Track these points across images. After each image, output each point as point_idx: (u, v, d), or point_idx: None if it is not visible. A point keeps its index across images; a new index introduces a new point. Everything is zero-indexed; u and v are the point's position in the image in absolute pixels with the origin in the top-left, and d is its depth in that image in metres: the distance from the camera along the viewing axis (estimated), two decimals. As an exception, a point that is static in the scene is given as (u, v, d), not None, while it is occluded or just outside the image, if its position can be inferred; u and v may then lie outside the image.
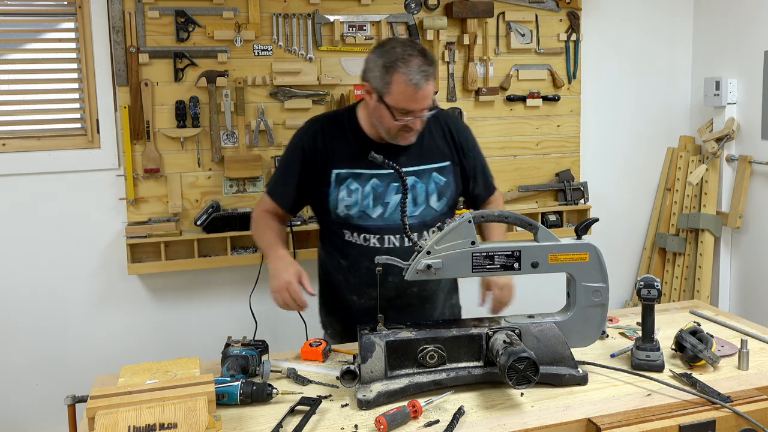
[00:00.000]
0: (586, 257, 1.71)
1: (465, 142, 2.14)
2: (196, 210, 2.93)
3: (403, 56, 1.87)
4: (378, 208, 2.03)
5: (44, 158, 2.81)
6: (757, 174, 3.31)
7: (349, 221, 2.06)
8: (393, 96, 1.89)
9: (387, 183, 2.03)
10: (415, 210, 2.05)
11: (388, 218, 2.04)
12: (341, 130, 2.07)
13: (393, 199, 2.03)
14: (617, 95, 3.52)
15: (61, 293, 2.88)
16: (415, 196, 2.04)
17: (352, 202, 2.03)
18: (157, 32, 2.82)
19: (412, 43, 1.96)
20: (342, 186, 2.04)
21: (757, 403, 1.57)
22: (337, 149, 2.05)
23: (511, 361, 1.52)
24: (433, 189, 2.06)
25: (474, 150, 2.18)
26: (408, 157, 2.04)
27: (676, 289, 3.55)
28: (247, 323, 2.95)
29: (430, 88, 1.90)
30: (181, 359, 1.67)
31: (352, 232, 2.08)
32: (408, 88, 1.87)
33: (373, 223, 2.04)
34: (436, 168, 2.08)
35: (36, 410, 2.89)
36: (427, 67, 1.89)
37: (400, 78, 1.87)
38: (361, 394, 1.58)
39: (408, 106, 1.90)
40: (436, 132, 2.11)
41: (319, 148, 2.05)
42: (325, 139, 2.06)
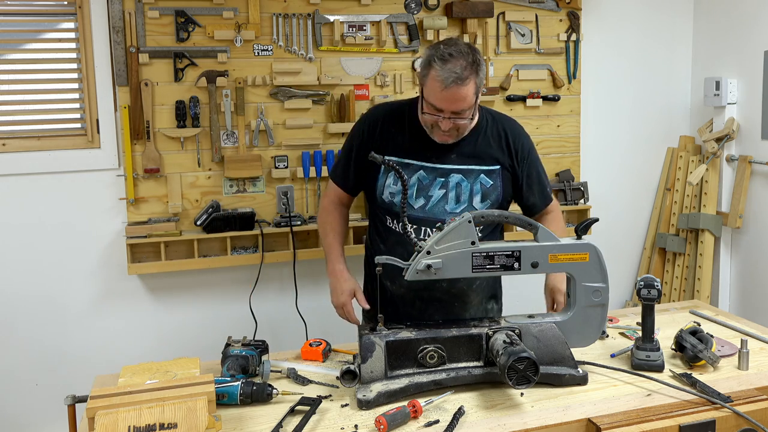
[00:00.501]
0: (586, 257, 1.72)
1: (521, 149, 2.14)
2: (196, 210, 2.93)
3: (444, 54, 1.91)
4: (420, 199, 2.08)
5: (44, 158, 2.80)
6: (757, 174, 3.31)
7: (392, 208, 2.12)
8: (426, 89, 1.96)
9: (433, 177, 2.08)
10: (456, 207, 2.08)
11: (428, 210, 2.08)
12: (400, 121, 2.13)
13: (436, 193, 2.08)
14: (617, 95, 3.52)
15: (61, 293, 2.88)
16: (458, 194, 2.08)
17: (396, 190, 2.08)
18: (157, 32, 2.82)
19: (469, 47, 1.96)
20: (390, 173, 2.09)
21: (757, 403, 1.57)
22: (393, 138, 2.11)
23: (511, 361, 1.52)
24: (478, 189, 2.09)
25: (529, 158, 2.17)
26: (458, 154, 2.08)
27: (676, 289, 3.55)
28: (247, 323, 2.96)
29: (461, 92, 1.90)
30: (181, 359, 1.67)
31: (393, 219, 2.13)
32: (436, 84, 1.91)
33: (414, 213, 2.07)
34: (484, 170, 2.10)
35: (36, 410, 2.89)
36: (463, 71, 1.89)
37: (433, 73, 1.92)
38: (361, 394, 1.58)
39: (436, 102, 1.94)
40: (492, 135, 2.13)
41: (376, 136, 2.12)
42: (383, 127, 2.13)
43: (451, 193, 2.07)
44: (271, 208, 3.01)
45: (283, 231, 2.94)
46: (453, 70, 1.88)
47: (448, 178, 2.08)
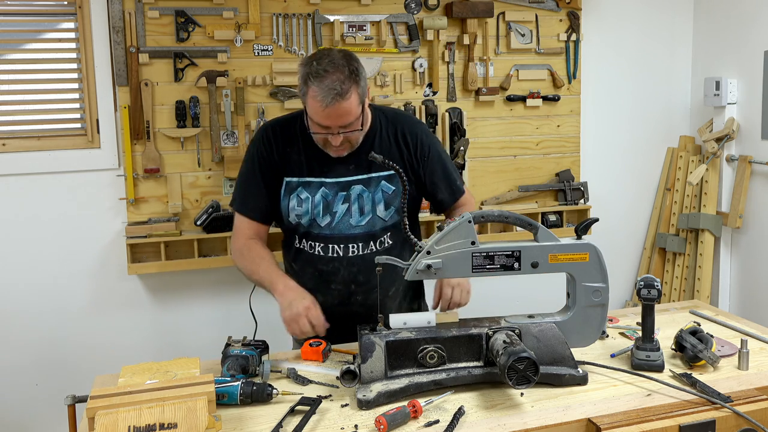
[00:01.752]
0: (586, 257, 1.72)
1: (420, 145, 2.05)
2: (196, 210, 2.93)
3: (318, 71, 1.81)
4: (326, 217, 2.01)
5: (44, 158, 2.81)
6: (757, 174, 3.31)
7: (298, 229, 2.05)
8: (309, 109, 1.87)
9: (335, 191, 2.00)
10: (361, 220, 2.01)
11: (334, 227, 2.01)
12: (293, 137, 2.02)
13: (340, 208, 2.00)
14: (617, 95, 3.52)
15: (61, 293, 2.88)
16: (361, 205, 2.00)
17: (302, 211, 2.01)
18: (157, 32, 2.82)
19: (343, 56, 1.87)
20: (293, 195, 2.01)
21: (757, 403, 1.57)
22: (289, 157, 2.01)
23: (511, 361, 1.52)
24: (380, 198, 2.01)
25: (431, 153, 2.06)
26: (356, 164, 1.99)
27: (676, 289, 3.55)
28: (247, 323, 2.94)
29: (343, 107, 1.82)
30: (181, 359, 1.67)
31: (300, 239, 2.07)
32: (316, 104, 1.82)
33: (321, 232, 2.02)
34: (384, 176, 2.01)
35: (36, 410, 2.89)
36: (341, 86, 1.80)
37: (311, 93, 1.83)
38: (361, 394, 1.58)
39: (320, 121, 1.86)
40: (389, 137, 2.04)
41: (273, 155, 2.02)
42: (278, 146, 2.02)
43: (354, 206, 2.00)
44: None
45: (283, 231, 2.94)
46: (331, 86, 1.80)
47: (349, 191, 2.00)
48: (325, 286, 2.04)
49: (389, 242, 2.06)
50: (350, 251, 2.03)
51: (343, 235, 2.01)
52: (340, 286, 2.05)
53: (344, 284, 2.05)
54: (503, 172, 3.30)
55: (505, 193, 3.30)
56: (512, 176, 3.33)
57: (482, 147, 3.25)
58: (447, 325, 1.73)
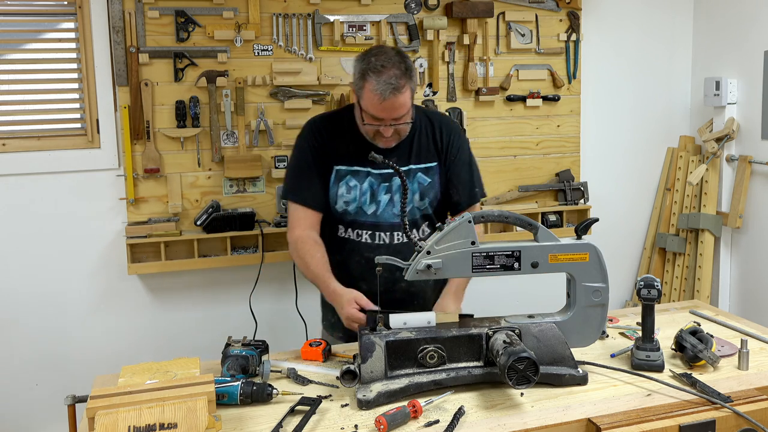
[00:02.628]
0: (586, 257, 1.72)
1: (451, 146, 2.18)
2: (196, 210, 2.93)
3: (377, 66, 1.95)
4: (372, 206, 2.13)
5: (44, 158, 2.81)
6: (757, 174, 3.31)
7: (345, 217, 2.15)
8: (364, 102, 2.00)
9: (380, 182, 2.12)
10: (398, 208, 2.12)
11: (380, 216, 2.13)
12: (340, 129, 2.16)
13: (383, 198, 2.13)
14: (617, 95, 3.52)
15: (61, 293, 2.88)
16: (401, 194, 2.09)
17: (350, 198, 2.12)
18: (157, 32, 2.82)
19: (397, 53, 2.02)
20: (342, 182, 2.12)
21: (757, 403, 1.57)
22: (337, 148, 2.13)
23: (511, 361, 1.52)
24: (416, 188, 2.14)
25: (459, 156, 2.19)
26: (398, 157, 2.10)
27: (676, 289, 3.55)
28: (247, 323, 2.95)
29: (399, 100, 1.96)
30: (181, 359, 1.67)
31: (345, 228, 2.17)
32: (374, 97, 1.95)
33: (367, 220, 2.13)
34: (421, 168, 2.15)
35: (36, 410, 2.89)
36: (398, 80, 1.94)
37: (369, 86, 1.96)
38: (361, 394, 1.58)
39: (376, 113, 1.99)
40: (428, 133, 2.17)
41: (324, 145, 2.14)
42: (326, 136, 2.15)
43: (396, 196, 2.13)
44: (271, 208, 3.01)
45: (283, 231, 2.93)
46: (388, 81, 1.94)
47: (390, 182, 2.13)
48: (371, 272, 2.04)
49: (427, 230, 2.20)
50: (395, 239, 2.14)
51: (388, 223, 2.13)
52: (386, 273, 2.06)
53: (389, 271, 2.07)
54: (503, 172, 3.30)
55: (505, 193, 3.30)
56: (512, 176, 3.33)
57: (482, 147, 3.25)
58: (447, 325, 1.73)
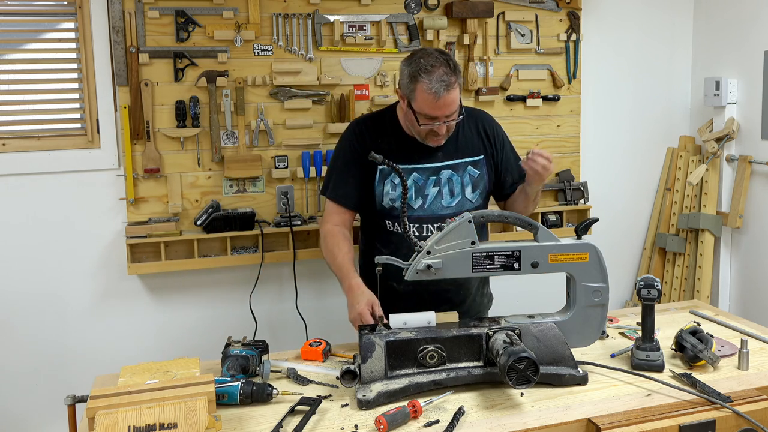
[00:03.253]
0: (586, 257, 1.72)
1: (496, 135, 2.30)
2: (196, 210, 2.93)
3: (426, 66, 2.01)
4: (419, 199, 2.19)
5: (44, 158, 2.80)
6: (757, 174, 3.31)
7: (392, 212, 2.21)
8: (417, 103, 2.05)
9: (426, 176, 2.19)
10: (452, 201, 2.20)
11: (427, 209, 2.19)
12: (383, 129, 2.23)
13: (431, 191, 2.19)
14: (617, 95, 3.52)
15: (61, 293, 2.88)
16: (451, 188, 2.20)
17: (396, 195, 2.18)
18: (157, 32, 2.82)
19: (440, 53, 2.08)
20: (387, 180, 2.19)
21: (757, 403, 1.57)
22: (380, 147, 2.16)
23: (511, 361, 1.52)
24: (468, 181, 2.21)
25: (505, 144, 2.32)
26: (444, 152, 2.19)
27: (676, 289, 3.55)
28: (247, 323, 2.96)
29: (451, 97, 2.02)
30: (181, 359, 1.67)
31: (393, 222, 2.22)
32: (429, 96, 2.01)
33: (414, 213, 2.19)
34: (470, 162, 2.23)
35: (36, 410, 2.89)
36: (449, 77, 2.00)
37: (422, 87, 2.01)
38: (361, 394, 1.58)
39: (431, 112, 2.04)
40: (471, 128, 2.26)
41: (367, 146, 2.17)
42: (370, 137, 2.22)
43: (445, 189, 2.19)
44: (271, 208, 3.01)
45: (283, 231, 2.94)
46: (441, 79, 2.00)
47: (439, 176, 2.19)
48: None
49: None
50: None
51: (435, 215, 2.17)
52: None
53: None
54: (503, 172, 3.30)
55: (505, 193, 3.30)
56: (512, 176, 3.32)
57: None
58: (447, 325, 1.73)
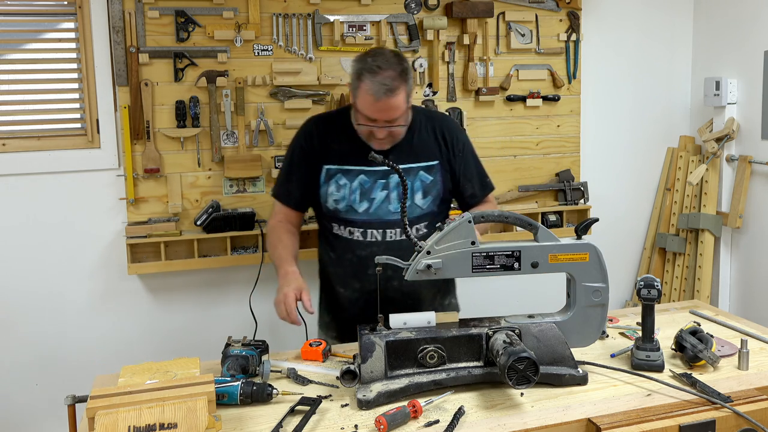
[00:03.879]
0: (586, 257, 1.72)
1: (456, 142, 2.21)
2: (196, 210, 2.93)
3: (372, 67, 1.97)
4: (364, 203, 2.13)
5: (44, 158, 2.80)
6: (757, 174, 3.31)
7: (336, 215, 2.16)
8: (359, 102, 2.02)
9: (374, 179, 2.12)
10: (399, 207, 2.10)
11: (372, 213, 2.13)
12: (335, 130, 2.18)
13: (378, 195, 2.12)
14: (617, 95, 3.52)
15: (61, 293, 2.88)
16: (400, 193, 2.07)
17: (340, 196, 2.13)
18: (157, 32, 2.82)
19: (395, 56, 2.04)
20: (331, 181, 2.14)
21: (757, 403, 1.57)
22: (330, 147, 2.15)
23: (511, 361, 1.52)
24: (418, 186, 2.14)
25: (465, 150, 2.23)
26: (396, 155, 2.10)
27: (676, 289, 3.55)
28: (247, 323, 2.95)
29: (392, 102, 1.97)
30: (181, 359, 1.67)
31: (339, 225, 2.18)
32: (368, 98, 1.97)
33: (359, 218, 2.13)
34: (423, 167, 2.16)
35: (36, 410, 2.89)
36: (393, 82, 1.95)
37: (364, 87, 1.98)
38: (361, 394, 1.58)
39: (370, 114, 2.01)
40: (428, 132, 2.19)
41: (314, 146, 2.16)
42: (319, 137, 2.17)
43: (393, 194, 2.13)
44: (271, 208, 3.00)
45: (283, 231, 2.94)
46: (383, 82, 1.95)
47: (388, 180, 2.13)
48: (363, 270, 2.12)
49: (424, 230, 2.17)
50: (388, 236, 2.13)
51: (381, 220, 2.12)
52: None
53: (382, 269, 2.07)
54: (503, 172, 3.30)
55: (505, 193, 3.30)
56: (512, 176, 3.33)
57: (482, 147, 3.24)
58: (447, 325, 1.73)
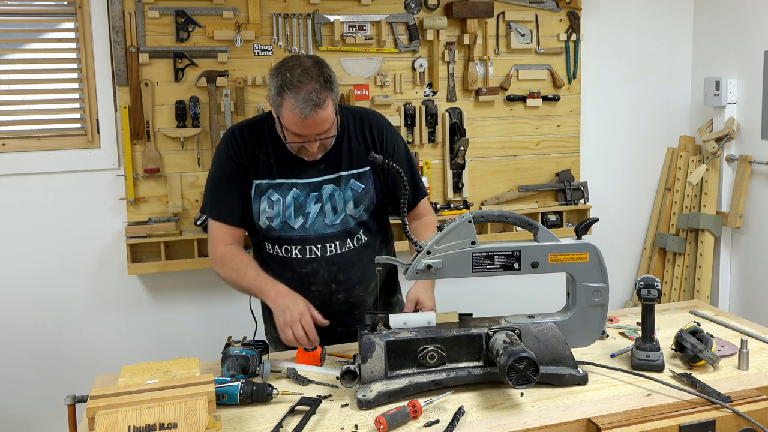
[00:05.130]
0: (586, 257, 1.71)
1: (386, 143, 2.05)
2: (196, 210, 2.93)
3: (293, 82, 1.81)
4: (299, 218, 2.00)
5: (44, 158, 2.81)
6: (757, 174, 3.31)
7: (270, 233, 2.02)
8: (284, 119, 1.86)
9: (307, 192, 1.99)
10: (335, 218, 2.00)
11: (309, 228, 2.00)
12: (260, 139, 2.01)
13: (313, 208, 1.99)
14: (617, 95, 3.52)
15: (61, 293, 2.88)
16: (333, 204, 2.00)
17: (273, 213, 1.99)
18: (157, 32, 2.82)
19: (315, 63, 1.87)
20: (263, 197, 1.99)
21: (757, 403, 1.57)
22: (258, 160, 2.00)
23: (511, 361, 1.52)
24: (350, 196, 2.00)
25: (396, 150, 2.06)
26: (326, 164, 1.99)
27: (676, 289, 3.54)
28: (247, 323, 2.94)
29: (320, 116, 1.83)
30: (181, 359, 1.67)
31: (273, 245, 2.05)
32: (294, 115, 1.82)
33: (295, 234, 2.00)
34: (354, 174, 2.01)
35: (36, 410, 2.89)
36: (317, 95, 1.81)
37: (287, 104, 1.82)
38: (361, 394, 1.58)
39: (298, 131, 1.86)
40: (358, 136, 2.04)
41: (243, 159, 2.00)
42: (246, 149, 2.00)
43: (327, 205, 2.00)
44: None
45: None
46: (308, 98, 1.80)
47: (321, 191, 1.99)
48: (305, 288, 1.99)
49: (365, 239, 2.06)
50: (328, 250, 2.02)
51: (319, 234, 2.00)
52: (320, 287, 2.04)
53: (324, 284, 2.04)
54: (503, 172, 3.30)
55: (505, 193, 3.30)
56: (512, 176, 3.33)
57: (482, 147, 3.25)
58: (447, 325, 1.73)
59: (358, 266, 2.05)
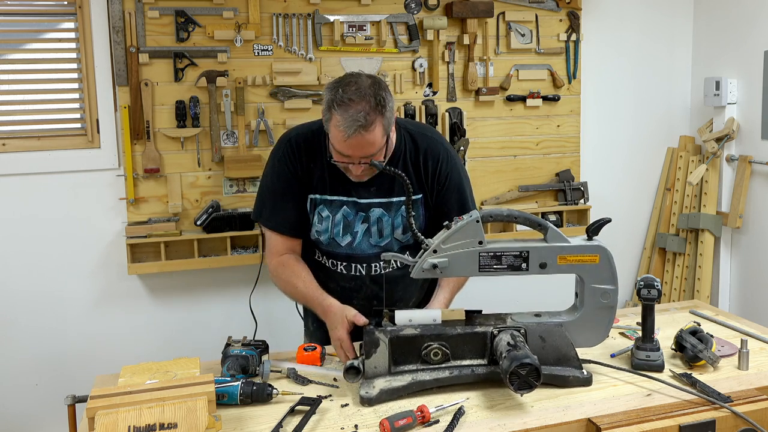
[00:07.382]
0: (596, 259, 1.69)
1: (439, 175, 2.00)
2: (196, 210, 2.93)
3: (344, 99, 1.76)
4: (347, 236, 2.00)
5: (44, 158, 2.80)
6: (757, 174, 3.31)
7: (319, 245, 2.05)
8: (331, 136, 1.83)
9: (356, 212, 1.98)
10: (380, 241, 2.01)
11: (356, 247, 2.01)
12: (317, 150, 1.98)
13: (360, 228, 1.99)
14: (617, 95, 3.52)
15: (61, 293, 2.88)
16: (380, 228, 1.99)
17: (322, 228, 2.00)
18: (157, 32, 2.82)
19: (372, 85, 1.80)
20: (315, 211, 2.00)
21: (757, 403, 1.57)
22: (312, 173, 1.98)
23: (513, 366, 1.51)
24: (399, 223, 1.99)
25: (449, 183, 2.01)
26: (378, 187, 1.97)
27: (676, 289, 3.54)
28: (247, 323, 2.95)
29: (366, 139, 1.76)
30: (181, 359, 1.67)
31: (322, 255, 2.08)
32: (339, 133, 1.77)
33: (342, 251, 2.02)
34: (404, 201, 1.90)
35: (36, 410, 2.89)
36: (366, 117, 1.74)
37: (334, 121, 1.78)
38: (364, 391, 1.58)
39: (342, 150, 1.82)
40: (413, 161, 1.99)
41: (298, 170, 1.98)
42: (301, 161, 1.98)
43: (374, 228, 1.99)
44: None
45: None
46: (355, 117, 1.73)
47: (368, 213, 1.98)
48: (348, 300, 1.96)
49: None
50: (373, 270, 2.04)
51: (364, 254, 2.01)
52: (362, 301, 2.05)
53: (366, 300, 2.06)
54: (503, 172, 3.30)
55: (505, 193, 3.30)
56: (512, 176, 3.33)
57: (482, 147, 3.25)
58: (452, 322, 1.72)
59: (401, 285, 2.08)
